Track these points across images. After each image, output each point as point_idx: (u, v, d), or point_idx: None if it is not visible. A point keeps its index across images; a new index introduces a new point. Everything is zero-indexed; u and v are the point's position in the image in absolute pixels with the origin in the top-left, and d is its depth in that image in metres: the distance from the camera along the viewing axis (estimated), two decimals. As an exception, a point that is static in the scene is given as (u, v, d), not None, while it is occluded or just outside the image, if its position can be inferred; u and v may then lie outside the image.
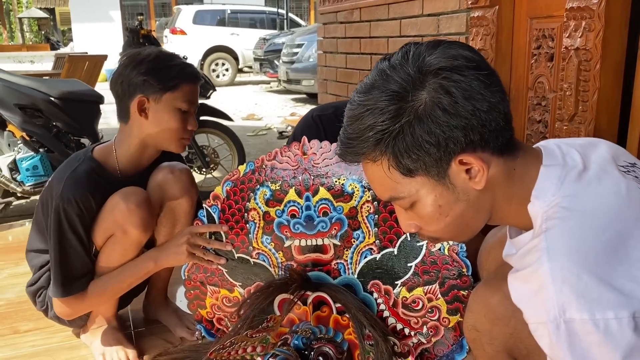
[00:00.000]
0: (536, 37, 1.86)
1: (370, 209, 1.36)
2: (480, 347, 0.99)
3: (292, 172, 1.41)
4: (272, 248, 1.45)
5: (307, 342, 1.27)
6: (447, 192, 0.83)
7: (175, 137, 1.51)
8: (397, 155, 0.80)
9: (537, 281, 0.75)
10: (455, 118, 0.77)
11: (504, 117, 0.81)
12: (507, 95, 0.82)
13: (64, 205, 1.42)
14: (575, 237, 0.75)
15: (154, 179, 1.56)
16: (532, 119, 1.92)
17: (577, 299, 0.71)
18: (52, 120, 3.14)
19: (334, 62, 3.43)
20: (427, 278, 1.33)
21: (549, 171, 0.83)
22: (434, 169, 0.80)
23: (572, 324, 0.71)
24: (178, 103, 1.48)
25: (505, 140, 0.82)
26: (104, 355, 1.57)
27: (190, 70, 1.52)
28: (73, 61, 5.12)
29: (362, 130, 0.81)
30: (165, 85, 1.46)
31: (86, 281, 1.49)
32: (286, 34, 9.77)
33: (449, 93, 0.77)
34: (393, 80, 0.79)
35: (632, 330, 0.69)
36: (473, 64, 0.79)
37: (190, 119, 1.52)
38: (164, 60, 1.49)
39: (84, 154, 1.55)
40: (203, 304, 1.55)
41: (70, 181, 1.45)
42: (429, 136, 0.78)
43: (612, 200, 0.79)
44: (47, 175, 3.11)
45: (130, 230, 1.44)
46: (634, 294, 0.70)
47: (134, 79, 1.46)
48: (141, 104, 1.47)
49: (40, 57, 9.53)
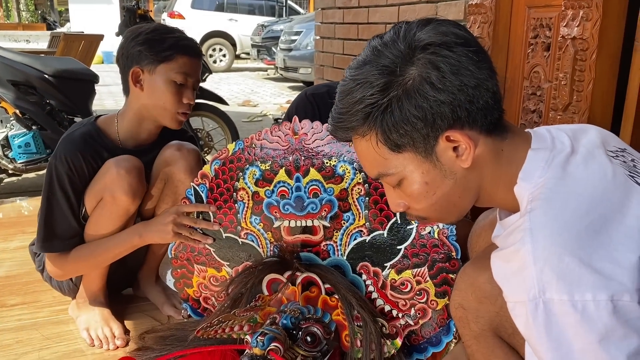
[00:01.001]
0: (534, 26, 1.85)
1: (361, 191, 1.36)
2: (466, 325, 1.00)
3: (282, 152, 1.40)
4: (261, 228, 1.45)
5: (295, 322, 1.27)
6: (434, 170, 0.84)
7: (170, 110, 1.51)
8: (385, 129, 0.81)
9: (519, 260, 0.75)
10: (443, 93, 0.78)
11: (493, 95, 0.81)
12: (495, 73, 0.83)
13: (56, 163, 1.46)
14: (558, 219, 0.75)
15: (161, 154, 1.56)
16: (526, 108, 1.92)
17: (557, 280, 0.71)
18: (46, 97, 3.12)
19: (331, 47, 3.41)
20: (416, 261, 1.33)
21: (536, 154, 0.84)
22: (421, 144, 0.81)
23: (551, 304, 0.71)
24: (172, 75, 1.48)
25: (494, 120, 0.83)
26: (88, 330, 1.57)
27: (186, 42, 1.51)
28: (68, 40, 5.08)
29: (351, 104, 0.82)
30: (158, 55, 1.46)
31: (70, 243, 1.51)
32: (284, 21, 9.72)
33: (438, 68, 0.78)
34: (384, 56, 0.81)
35: (609, 312, 0.69)
36: (462, 41, 0.80)
37: (186, 92, 1.51)
38: (160, 32, 1.49)
39: (88, 119, 1.59)
40: (190, 282, 1.55)
41: (65, 141, 1.50)
42: (417, 111, 0.79)
43: (597, 183, 0.79)
44: (39, 153, 3.10)
45: (118, 195, 1.44)
46: (614, 276, 0.70)
47: (131, 50, 1.48)
48: (136, 74, 1.49)
49: (37, 37, 9.43)
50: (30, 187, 3.29)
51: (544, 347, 0.73)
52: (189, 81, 1.51)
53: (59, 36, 5.31)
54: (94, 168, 1.49)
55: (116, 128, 1.56)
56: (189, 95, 1.52)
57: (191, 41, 1.54)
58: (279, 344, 1.17)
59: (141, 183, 1.49)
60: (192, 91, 1.53)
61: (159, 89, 1.48)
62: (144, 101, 1.51)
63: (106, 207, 1.46)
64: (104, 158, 1.49)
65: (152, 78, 1.48)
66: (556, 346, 0.72)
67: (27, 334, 1.59)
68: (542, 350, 0.74)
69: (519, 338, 0.93)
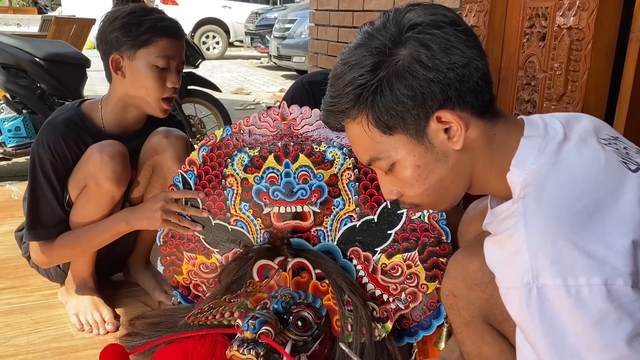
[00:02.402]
0: (529, 15, 1.84)
1: (351, 176, 1.35)
2: (457, 312, 1.00)
3: (271, 138, 1.39)
4: (251, 215, 1.44)
5: (286, 307, 1.27)
6: (426, 152, 0.83)
7: (153, 96, 1.47)
8: (376, 111, 0.81)
9: (513, 246, 0.75)
10: (432, 71, 0.78)
11: (482, 76, 0.82)
12: (485, 55, 0.83)
13: (38, 150, 1.44)
14: (552, 204, 0.75)
15: (149, 141, 1.54)
16: (520, 98, 1.92)
17: (551, 265, 0.71)
18: (37, 81, 3.09)
19: (325, 35, 3.39)
20: (406, 245, 1.33)
21: (529, 142, 0.84)
22: (412, 126, 0.81)
23: (544, 289, 0.71)
24: (153, 59, 1.43)
25: (485, 102, 0.83)
26: (77, 316, 1.56)
27: (165, 23, 1.45)
28: (60, 23, 5.02)
29: (342, 86, 0.83)
30: (136, 40, 1.41)
31: (55, 231, 1.49)
32: (279, 9, 9.66)
33: (427, 47, 0.78)
34: (375, 38, 0.82)
35: (603, 297, 0.69)
36: (450, 20, 0.81)
37: (169, 76, 1.46)
38: (138, 14, 1.43)
39: (71, 104, 1.54)
40: (179, 270, 1.54)
41: (47, 127, 1.46)
42: (407, 90, 0.79)
43: (590, 169, 0.79)
44: (29, 137, 3.07)
45: (102, 182, 1.41)
46: (607, 260, 0.70)
47: (109, 36, 1.43)
48: (116, 62, 1.45)
49: (27, 21, 9.34)
50: (20, 172, 3.26)
51: (538, 332, 0.73)
52: (172, 64, 1.46)
53: (50, 20, 5.25)
54: (78, 154, 1.46)
55: (100, 114, 1.53)
56: (172, 79, 1.47)
57: (170, 21, 1.48)
58: (270, 327, 1.17)
59: (126, 169, 1.46)
60: (177, 74, 1.48)
61: (140, 75, 1.44)
62: (127, 88, 1.47)
63: (90, 194, 1.44)
64: (87, 144, 1.46)
65: (133, 64, 1.43)
66: (550, 331, 0.72)
67: (16, 318, 1.58)
68: (536, 336, 0.74)
69: (509, 325, 0.93)
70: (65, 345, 1.47)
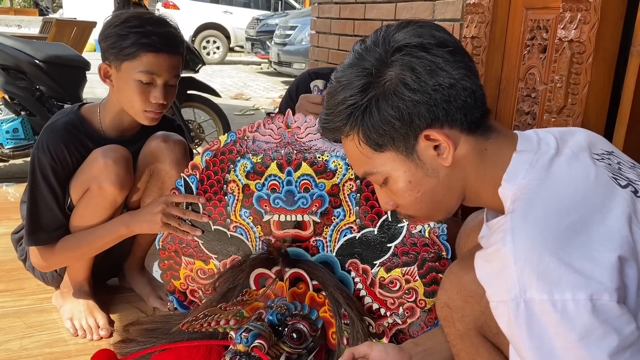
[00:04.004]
0: (531, 27, 1.84)
1: (353, 187, 1.34)
2: (452, 324, 1.00)
3: (274, 145, 1.39)
4: (251, 222, 1.43)
5: (281, 318, 1.26)
6: (417, 168, 0.86)
7: (137, 109, 1.45)
8: (366, 129, 0.85)
9: (500, 260, 0.76)
10: (418, 93, 0.81)
11: (471, 94, 0.83)
12: (474, 73, 0.85)
13: (38, 154, 1.43)
14: (539, 219, 0.76)
15: (147, 146, 1.53)
16: (520, 110, 1.92)
17: (537, 280, 0.72)
18: (36, 83, 3.09)
19: (326, 43, 3.39)
20: (405, 259, 1.32)
21: (521, 157, 0.85)
22: (401, 143, 0.84)
23: (532, 303, 0.72)
24: (136, 74, 1.39)
25: (475, 119, 0.85)
26: (71, 320, 1.54)
27: (153, 38, 1.38)
28: (60, 26, 5.01)
29: (335, 105, 0.87)
30: (120, 53, 1.38)
31: (56, 235, 1.48)
32: (280, 15, 9.68)
33: (413, 69, 0.81)
34: (365, 59, 0.85)
35: (589, 312, 0.69)
36: (438, 41, 0.82)
37: (153, 92, 1.42)
38: (128, 25, 1.39)
39: (71, 108, 1.54)
40: (177, 274, 1.53)
41: (47, 131, 1.46)
42: (394, 111, 0.82)
43: (579, 185, 0.80)
44: (27, 139, 3.06)
45: (105, 186, 1.41)
46: (593, 275, 0.71)
47: (102, 43, 1.43)
48: (104, 70, 1.45)
49: (28, 22, 9.31)
50: (17, 174, 3.25)
51: (526, 346, 0.74)
52: (157, 80, 1.41)
53: (51, 22, 5.24)
54: (78, 158, 1.46)
55: (99, 118, 1.53)
56: (156, 95, 1.42)
57: (162, 35, 1.40)
58: (263, 340, 1.16)
59: (129, 173, 1.46)
60: (162, 89, 1.42)
61: (125, 87, 1.42)
62: (116, 97, 1.47)
63: (93, 198, 1.44)
64: (88, 147, 1.46)
65: (119, 75, 1.42)
66: (538, 345, 0.73)
67: (9, 322, 1.57)
68: (524, 349, 0.74)
69: (503, 338, 0.93)
70: (59, 351, 1.46)
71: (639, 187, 0.83)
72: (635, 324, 0.71)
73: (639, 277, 0.73)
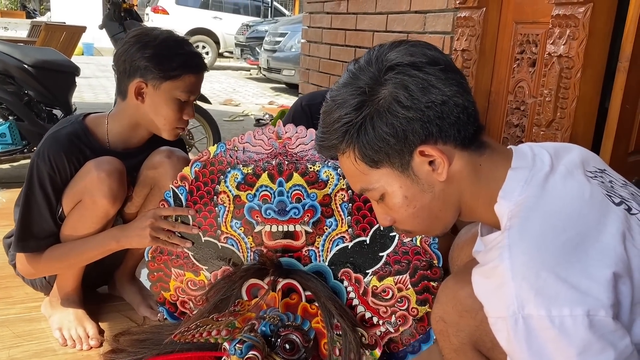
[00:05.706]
0: (520, 41, 1.88)
1: (344, 197, 1.35)
2: (447, 338, 1.01)
3: (265, 156, 1.39)
4: (242, 232, 1.43)
5: (274, 329, 1.26)
6: (412, 184, 0.87)
7: (169, 126, 1.50)
8: (362, 146, 0.86)
9: (498, 277, 0.77)
10: (411, 111, 0.82)
11: (463, 110, 0.85)
12: (466, 90, 0.86)
13: (38, 161, 1.43)
14: (536, 236, 0.78)
15: (150, 159, 1.53)
16: (509, 122, 1.94)
17: (535, 296, 0.73)
18: (24, 88, 3.06)
19: (317, 52, 3.41)
20: (398, 268, 1.33)
21: (516, 174, 0.86)
22: (396, 160, 0.86)
23: (530, 319, 0.73)
24: (177, 93, 1.46)
25: (469, 135, 0.86)
26: (61, 330, 1.53)
27: (195, 61, 1.49)
28: (50, 30, 4.98)
29: (331, 123, 0.88)
30: (166, 74, 1.44)
31: (45, 243, 1.48)
32: (269, 22, 9.70)
33: (406, 87, 0.82)
34: (359, 78, 0.86)
35: (586, 327, 0.71)
36: (429, 60, 0.84)
37: (187, 109, 1.51)
38: (169, 47, 1.46)
39: (75, 117, 1.55)
40: (167, 286, 1.52)
41: (49, 139, 1.46)
42: (388, 128, 0.83)
43: (574, 202, 0.82)
44: (14, 144, 3.02)
45: (98, 198, 1.40)
46: (590, 291, 0.72)
47: (137, 61, 1.43)
48: (139, 88, 1.46)
49: (15, 25, 9.23)
50: (4, 178, 3.21)
51: None
52: (192, 98, 1.51)
53: (40, 25, 5.21)
54: (77, 169, 1.46)
55: (106, 129, 1.52)
56: (189, 112, 1.51)
57: (199, 59, 1.52)
58: (257, 352, 1.16)
59: (122, 186, 1.45)
60: (192, 106, 1.53)
61: (161, 105, 1.47)
62: (144, 114, 1.49)
63: (85, 210, 1.43)
64: (88, 159, 1.45)
65: (156, 93, 1.46)
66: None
67: (-3, 331, 1.55)
68: None
69: (498, 352, 0.94)
70: (48, 361, 1.45)
71: (631, 205, 0.85)
72: (629, 339, 0.72)
73: (632, 293, 0.75)
